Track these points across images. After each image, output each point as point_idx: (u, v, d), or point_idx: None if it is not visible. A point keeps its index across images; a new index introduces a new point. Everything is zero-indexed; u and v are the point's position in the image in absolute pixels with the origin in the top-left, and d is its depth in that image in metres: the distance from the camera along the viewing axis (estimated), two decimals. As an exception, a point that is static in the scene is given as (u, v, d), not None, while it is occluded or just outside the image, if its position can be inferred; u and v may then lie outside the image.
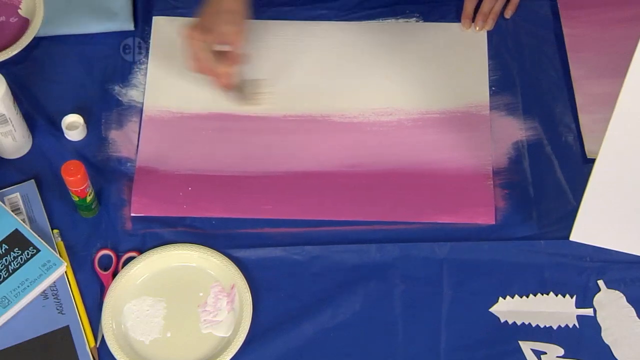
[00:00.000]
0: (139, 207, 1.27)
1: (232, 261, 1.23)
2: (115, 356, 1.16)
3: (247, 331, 1.18)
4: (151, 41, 1.41)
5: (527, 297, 1.21)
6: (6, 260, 1.21)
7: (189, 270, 1.24)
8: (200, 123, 1.34)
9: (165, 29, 1.42)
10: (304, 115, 1.35)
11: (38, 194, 1.28)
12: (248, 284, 1.21)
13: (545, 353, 1.18)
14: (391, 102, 1.36)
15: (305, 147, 1.32)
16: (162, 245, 1.25)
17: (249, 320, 1.19)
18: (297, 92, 1.37)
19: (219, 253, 1.24)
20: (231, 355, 1.16)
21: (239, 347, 1.17)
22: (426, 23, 1.43)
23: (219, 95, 1.36)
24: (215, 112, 1.35)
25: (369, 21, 1.43)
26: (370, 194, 1.29)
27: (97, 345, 1.18)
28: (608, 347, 1.18)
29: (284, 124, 1.34)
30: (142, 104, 1.36)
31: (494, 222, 1.26)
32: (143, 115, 1.34)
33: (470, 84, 1.38)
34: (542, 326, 1.20)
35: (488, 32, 1.43)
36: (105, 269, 1.23)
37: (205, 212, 1.27)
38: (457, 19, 1.43)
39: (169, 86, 1.37)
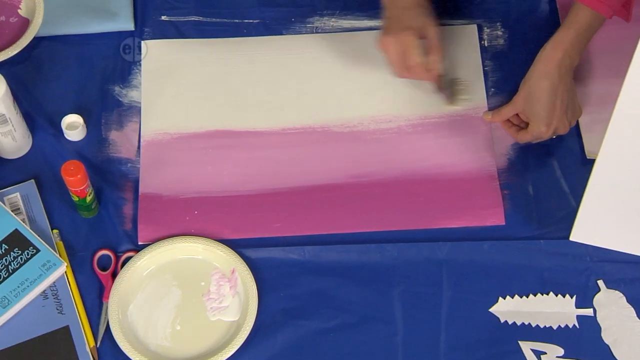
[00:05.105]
0: (146, 234, 1.26)
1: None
2: (127, 354, 1.16)
3: (255, 313, 1.19)
4: (142, 65, 1.39)
5: (527, 297, 1.22)
6: (6, 260, 1.21)
7: (187, 262, 1.24)
8: (199, 142, 1.33)
9: (156, 51, 1.40)
10: (304, 128, 1.35)
11: (38, 194, 1.28)
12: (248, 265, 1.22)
13: (545, 353, 1.18)
14: (389, 109, 1.36)
15: (308, 160, 1.32)
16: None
17: (256, 300, 1.19)
18: (294, 104, 1.36)
19: (213, 241, 1.24)
20: (244, 337, 1.17)
21: (250, 328, 1.17)
22: None
23: (215, 113, 1.35)
24: (212, 130, 1.34)
25: (363, 31, 1.42)
26: (379, 203, 1.28)
27: (97, 345, 1.18)
28: (608, 347, 1.18)
29: (284, 138, 1.34)
30: (142, 104, 1.36)
31: (504, 223, 1.26)
32: (141, 140, 1.33)
33: None
34: (542, 326, 1.20)
35: (487, 33, 1.43)
36: (105, 269, 1.23)
37: (213, 236, 1.25)
38: (449, 21, 1.43)
39: (164, 109, 1.36)
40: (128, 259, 1.24)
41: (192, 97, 1.37)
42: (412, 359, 1.18)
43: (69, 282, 1.22)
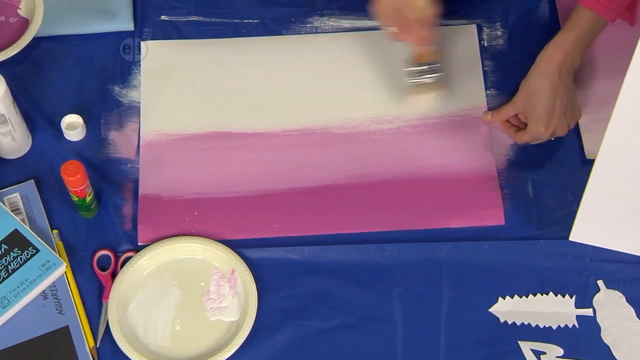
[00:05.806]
0: (146, 235, 1.26)
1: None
2: (127, 354, 1.16)
3: (255, 313, 1.19)
4: (142, 65, 1.39)
5: (527, 297, 1.22)
6: (6, 260, 1.21)
7: (187, 262, 1.24)
8: (199, 143, 1.33)
9: (155, 51, 1.40)
10: (303, 129, 1.34)
11: (38, 194, 1.28)
12: (247, 265, 1.22)
13: (545, 353, 1.18)
14: (389, 109, 1.36)
15: (308, 161, 1.32)
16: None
17: (256, 301, 1.20)
18: (294, 105, 1.36)
19: (213, 241, 1.24)
20: (244, 337, 1.17)
21: (250, 328, 1.17)
22: None
23: (215, 114, 1.35)
24: (212, 131, 1.34)
25: (363, 31, 1.42)
26: (379, 204, 1.28)
27: (97, 345, 1.18)
28: (607, 347, 1.19)
29: (283, 139, 1.33)
30: (141, 104, 1.36)
31: (503, 223, 1.27)
32: (141, 141, 1.33)
33: (466, 87, 1.37)
34: (541, 326, 1.20)
35: (487, 33, 1.43)
36: (104, 269, 1.23)
37: (213, 236, 1.25)
38: (448, 21, 1.43)
39: (164, 109, 1.36)
40: (128, 259, 1.24)
41: (191, 98, 1.37)
42: (412, 359, 1.18)
43: (68, 282, 1.22)
